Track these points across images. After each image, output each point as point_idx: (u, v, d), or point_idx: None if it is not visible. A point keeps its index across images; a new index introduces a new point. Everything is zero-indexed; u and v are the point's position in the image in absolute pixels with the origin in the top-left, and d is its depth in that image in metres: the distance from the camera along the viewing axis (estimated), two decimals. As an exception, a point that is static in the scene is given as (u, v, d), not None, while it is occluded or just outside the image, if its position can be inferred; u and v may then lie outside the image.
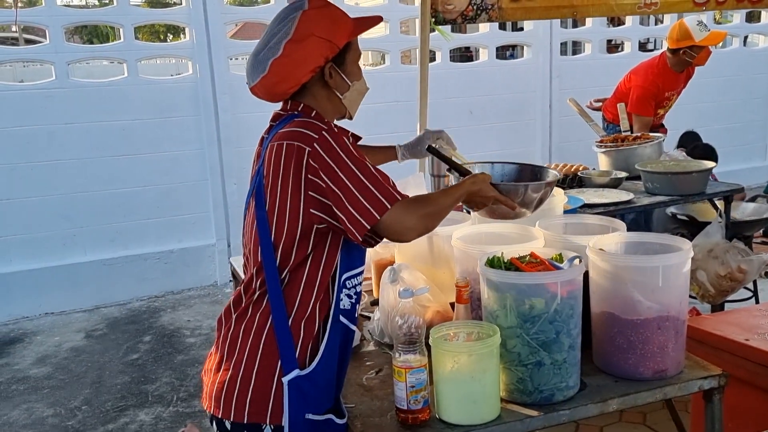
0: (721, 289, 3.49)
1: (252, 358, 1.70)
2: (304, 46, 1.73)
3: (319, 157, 1.64)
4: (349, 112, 1.89)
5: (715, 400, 1.90)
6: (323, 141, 1.65)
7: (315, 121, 1.73)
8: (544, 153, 7.21)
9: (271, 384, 1.68)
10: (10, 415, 3.94)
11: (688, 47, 4.75)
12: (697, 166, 3.96)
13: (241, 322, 1.75)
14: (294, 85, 1.76)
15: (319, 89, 1.80)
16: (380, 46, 6.78)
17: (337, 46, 1.76)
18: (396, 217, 1.64)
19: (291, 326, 1.69)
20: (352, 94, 1.85)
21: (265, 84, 1.77)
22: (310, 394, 1.69)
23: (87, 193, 5.53)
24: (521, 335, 1.73)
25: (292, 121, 1.75)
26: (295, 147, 1.66)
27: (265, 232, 1.71)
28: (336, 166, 1.63)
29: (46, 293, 5.44)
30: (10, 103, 5.27)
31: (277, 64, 1.73)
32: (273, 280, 1.70)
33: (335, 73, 1.80)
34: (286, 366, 1.68)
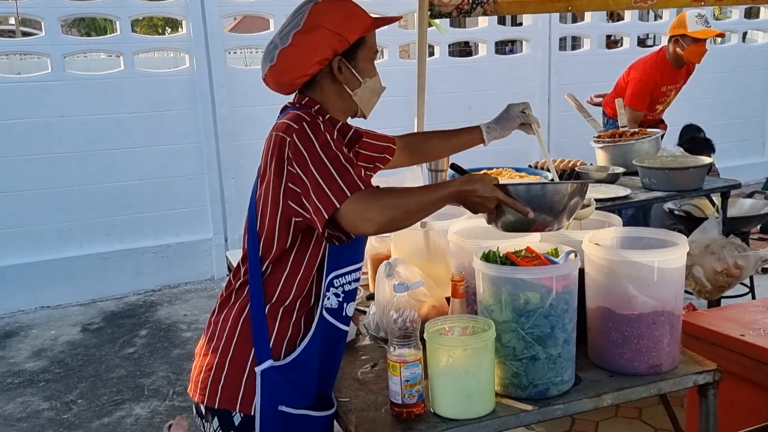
0: (718, 285, 3.49)
1: (228, 345, 1.73)
2: (311, 37, 1.72)
3: (295, 147, 1.63)
4: (362, 111, 1.86)
5: (710, 395, 1.89)
6: (301, 132, 1.65)
7: (303, 113, 1.71)
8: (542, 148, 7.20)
9: (243, 372, 1.70)
10: (6, 409, 3.94)
11: (680, 36, 4.76)
12: (695, 161, 3.96)
13: (224, 308, 1.79)
14: (300, 75, 1.75)
15: (329, 84, 1.79)
16: (378, 40, 6.67)
17: (347, 41, 1.75)
18: (355, 207, 1.56)
19: (267, 315, 1.71)
20: (363, 91, 1.82)
21: (273, 73, 1.77)
22: (284, 388, 1.70)
23: (83, 186, 5.52)
24: (516, 330, 1.72)
25: (286, 113, 1.75)
26: (279, 137, 1.67)
27: (252, 221, 1.74)
28: (308, 156, 1.62)
29: (42, 287, 5.43)
30: (6, 95, 5.25)
31: (284, 53, 1.73)
32: (255, 268, 1.72)
33: (345, 67, 1.78)
34: (259, 355, 1.69)
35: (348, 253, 1.76)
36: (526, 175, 3.89)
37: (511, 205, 1.68)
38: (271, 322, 1.71)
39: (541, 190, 1.70)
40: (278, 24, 5.99)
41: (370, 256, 2.60)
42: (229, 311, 1.76)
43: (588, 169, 4.10)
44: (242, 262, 1.77)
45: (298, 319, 1.73)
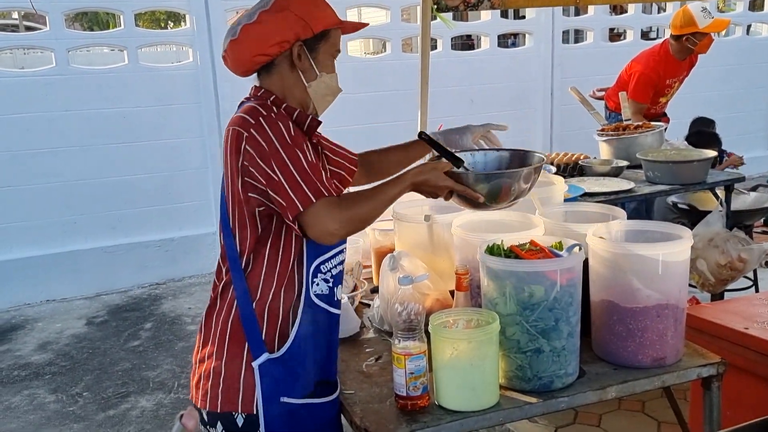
0: (721, 278, 3.50)
1: (221, 348, 1.73)
2: (277, 17, 1.72)
3: (253, 142, 1.64)
4: (315, 107, 1.83)
5: (714, 387, 1.90)
6: (258, 127, 1.65)
7: (258, 106, 1.71)
8: (545, 142, 7.20)
9: (240, 371, 1.70)
10: (12, 401, 3.96)
11: (691, 34, 4.74)
12: (698, 155, 3.96)
13: (212, 312, 1.79)
14: (259, 53, 1.74)
15: (286, 70, 1.78)
16: (381, 33, 6.75)
17: (312, 30, 1.75)
18: (318, 218, 1.61)
19: (255, 310, 1.70)
20: (319, 85, 1.81)
21: (233, 49, 1.76)
22: (283, 378, 1.70)
23: (87, 180, 5.53)
24: (520, 322, 1.73)
25: (243, 106, 1.76)
26: (236, 132, 1.67)
27: (224, 218, 1.75)
28: (269, 152, 1.63)
29: (47, 280, 5.45)
30: (10, 90, 5.26)
31: (247, 29, 1.73)
32: (235, 265, 1.72)
33: (304, 56, 1.77)
34: (254, 350, 1.69)
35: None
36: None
37: (462, 192, 1.79)
38: (260, 318, 1.71)
39: (485, 179, 1.80)
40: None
41: (373, 249, 2.61)
42: (218, 315, 1.76)
43: (591, 163, 4.11)
44: (222, 261, 1.78)
45: (285, 311, 1.73)
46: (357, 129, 6.35)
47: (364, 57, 8.78)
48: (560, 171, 3.95)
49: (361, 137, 6.42)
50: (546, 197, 2.34)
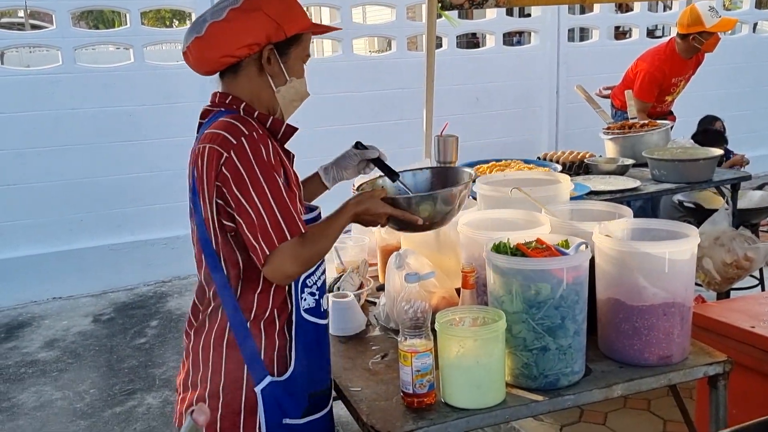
0: (727, 277, 3.49)
1: (217, 373, 1.66)
2: (248, 17, 1.62)
3: (232, 166, 1.55)
4: (282, 112, 1.75)
5: (720, 386, 1.90)
6: (240, 149, 1.56)
7: (238, 123, 1.61)
8: (550, 140, 7.19)
9: (240, 395, 1.64)
10: (20, 398, 3.98)
11: (698, 33, 4.72)
12: (704, 153, 3.95)
13: (200, 335, 1.70)
14: (226, 54, 1.65)
15: (254, 74, 1.69)
16: (386, 32, 6.76)
17: (284, 33, 1.66)
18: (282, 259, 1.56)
19: (251, 332, 1.64)
20: (288, 91, 1.73)
21: (198, 46, 1.66)
22: (285, 400, 1.66)
23: (93, 178, 5.55)
24: (527, 320, 1.73)
25: (218, 121, 1.65)
26: (215, 151, 1.57)
27: (205, 240, 1.64)
28: (247, 181, 1.55)
29: (54, 278, 5.47)
30: (17, 88, 5.28)
31: (215, 27, 1.63)
32: (224, 289, 1.64)
33: (274, 60, 1.68)
34: (255, 374, 1.63)
35: None
36: (535, 167, 3.89)
37: (400, 217, 1.78)
38: (257, 337, 1.65)
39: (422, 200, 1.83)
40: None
41: (379, 247, 2.61)
42: (207, 337, 1.68)
43: (597, 161, 4.10)
44: (206, 285, 1.68)
45: (281, 327, 1.68)
46: (362, 127, 6.36)
47: (369, 55, 8.78)
48: (566, 169, 3.95)
49: (365, 135, 6.39)
50: (551, 195, 2.34)
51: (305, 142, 6.40)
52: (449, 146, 3.84)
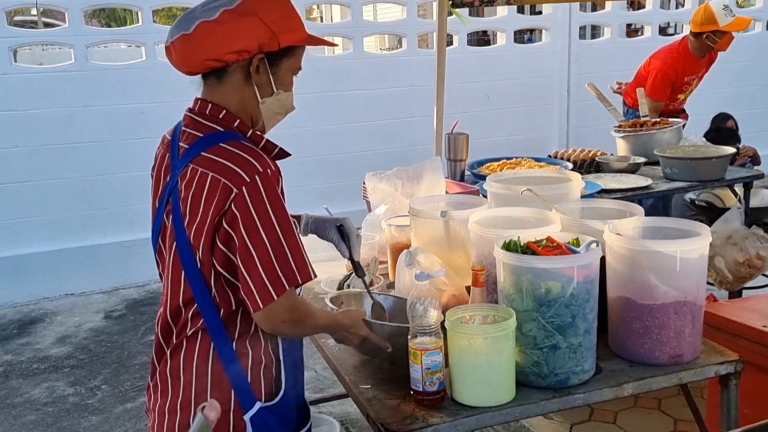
0: (739, 276, 3.47)
1: (202, 399, 1.56)
2: (242, 21, 1.52)
3: (243, 205, 1.47)
4: (264, 124, 1.66)
5: (731, 385, 1.90)
6: (253, 188, 1.47)
7: (249, 157, 1.51)
8: (561, 138, 7.17)
9: (228, 422, 1.56)
10: (32, 393, 4.01)
11: (712, 32, 4.69)
12: (716, 151, 3.92)
13: (177, 358, 1.61)
14: (213, 57, 1.54)
15: (239, 83, 1.59)
16: (397, 29, 6.75)
17: (278, 43, 1.56)
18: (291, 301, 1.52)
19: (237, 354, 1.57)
20: (273, 103, 1.63)
21: (184, 44, 1.55)
22: (274, 423, 1.61)
23: (106, 175, 5.58)
24: (537, 319, 1.73)
25: (221, 148, 1.54)
26: (221, 184, 1.48)
27: (189, 262, 1.54)
28: (259, 223, 1.47)
29: (66, 274, 5.51)
30: (30, 86, 5.31)
31: (205, 26, 1.52)
32: (209, 308, 1.55)
33: (264, 69, 1.58)
34: (244, 401, 1.56)
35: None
36: (546, 165, 3.88)
37: (375, 341, 1.78)
38: (244, 357, 1.58)
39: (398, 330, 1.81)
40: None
41: (389, 245, 2.61)
42: (188, 361, 1.58)
43: (608, 159, 4.09)
44: (184, 306, 1.58)
45: (265, 345, 1.62)
46: (372, 125, 6.36)
47: (380, 53, 8.77)
48: (577, 167, 3.94)
49: (376, 133, 6.46)
50: (562, 194, 2.34)
51: (315, 140, 6.43)
52: (459, 144, 3.85)
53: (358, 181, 3.19)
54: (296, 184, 6.02)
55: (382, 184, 2.91)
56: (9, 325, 5.02)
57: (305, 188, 6.00)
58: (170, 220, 1.60)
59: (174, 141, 1.67)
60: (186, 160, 1.57)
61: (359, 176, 3.12)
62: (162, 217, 1.64)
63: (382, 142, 6.34)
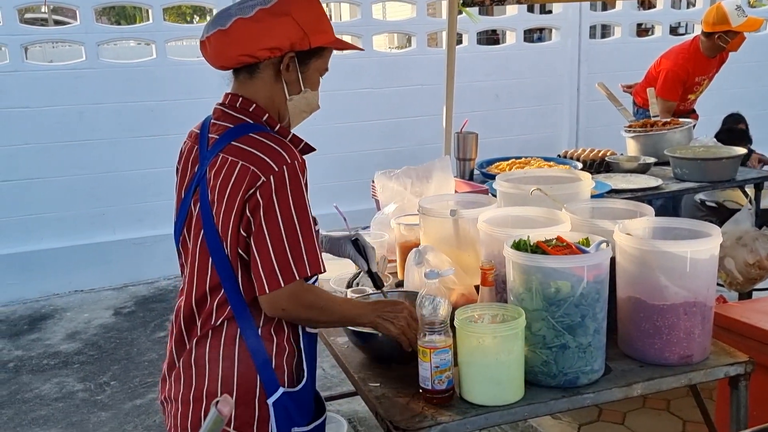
0: (749, 277, 3.46)
1: (228, 386, 1.62)
2: (276, 20, 1.60)
3: (268, 193, 1.54)
4: (289, 121, 1.74)
5: (741, 386, 1.89)
6: (280, 178, 1.54)
7: (278, 147, 1.58)
8: (571, 138, 7.15)
9: (254, 407, 1.63)
10: (42, 389, 4.04)
11: (724, 32, 4.66)
12: (727, 152, 3.91)
13: (203, 346, 1.66)
14: (246, 53, 1.62)
15: (269, 79, 1.67)
16: (406, 28, 6.75)
17: (309, 43, 1.64)
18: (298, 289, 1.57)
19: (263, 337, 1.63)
20: (300, 101, 1.71)
21: (219, 39, 1.63)
22: (294, 410, 1.67)
23: (116, 172, 5.61)
24: (546, 318, 1.73)
25: (251, 138, 1.61)
26: (250, 172, 1.55)
27: (217, 248, 1.60)
28: (279, 213, 1.54)
29: (76, 271, 5.54)
30: (41, 83, 5.34)
31: (241, 24, 1.60)
32: (236, 296, 1.61)
33: (293, 68, 1.66)
34: (268, 387, 1.63)
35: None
36: (555, 165, 3.87)
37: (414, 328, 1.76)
38: (268, 346, 1.64)
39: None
40: (308, 12, 6.01)
41: (398, 243, 2.62)
42: (213, 349, 1.64)
43: (618, 159, 4.07)
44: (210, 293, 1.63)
45: (288, 334, 1.68)
46: (382, 123, 6.37)
47: (390, 51, 8.77)
48: (587, 167, 3.93)
49: (385, 132, 6.46)
50: (572, 193, 2.33)
51: (325, 139, 6.42)
52: (469, 143, 3.85)
53: (368, 180, 3.19)
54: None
55: (391, 183, 2.91)
56: (19, 321, 5.05)
57: (314, 186, 5.95)
58: (197, 209, 1.65)
59: (203, 133, 1.73)
60: (216, 149, 1.64)
61: (368, 175, 3.13)
62: (188, 206, 1.69)
63: (391, 141, 6.34)
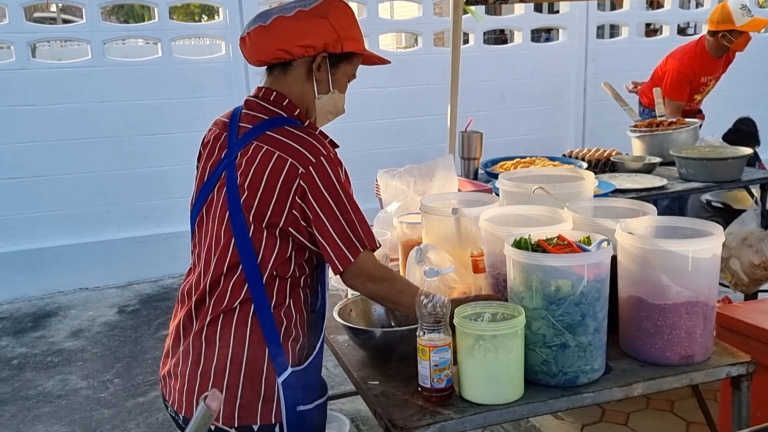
0: (755, 278, 3.44)
1: (237, 364, 1.68)
2: (314, 21, 1.71)
3: (311, 180, 1.64)
4: (315, 120, 1.83)
5: (743, 387, 1.88)
6: (320, 167, 1.65)
7: (313, 141, 1.68)
8: (577, 138, 7.13)
9: (260, 385, 1.68)
10: (46, 386, 4.05)
11: (728, 31, 4.65)
12: (733, 152, 3.88)
13: (215, 326, 1.71)
14: (282, 48, 1.72)
15: (302, 76, 1.76)
16: (413, 27, 6.74)
17: (342, 46, 1.75)
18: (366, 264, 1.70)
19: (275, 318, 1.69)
20: (327, 101, 1.80)
21: (259, 34, 1.74)
22: (300, 389, 1.72)
23: (121, 170, 5.62)
24: (546, 317, 1.72)
25: (285, 130, 1.71)
26: (288, 163, 1.64)
27: (241, 228, 1.67)
28: (328, 195, 1.65)
29: (81, 269, 5.55)
30: (48, 81, 5.36)
31: (281, 21, 1.71)
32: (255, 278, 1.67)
33: (324, 68, 1.76)
34: (278, 366, 1.68)
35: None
36: (560, 164, 3.86)
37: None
38: (279, 327, 1.70)
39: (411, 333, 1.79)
40: (313, 11, 6.01)
41: (401, 241, 2.61)
42: (224, 329, 1.69)
43: (624, 159, 4.06)
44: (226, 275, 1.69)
45: (297, 318, 1.74)
46: (387, 123, 6.36)
47: (396, 51, 8.76)
48: (592, 167, 3.91)
49: (391, 131, 6.46)
50: (575, 192, 2.32)
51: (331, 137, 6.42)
52: (473, 142, 3.83)
53: (372, 179, 3.19)
54: (310, 181, 6.05)
55: (394, 182, 2.90)
56: (24, 318, 5.07)
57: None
58: (223, 192, 1.71)
59: (233, 120, 1.80)
60: (250, 137, 1.71)
61: (373, 174, 3.12)
62: (211, 188, 1.76)
63: (397, 140, 6.34)
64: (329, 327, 2.18)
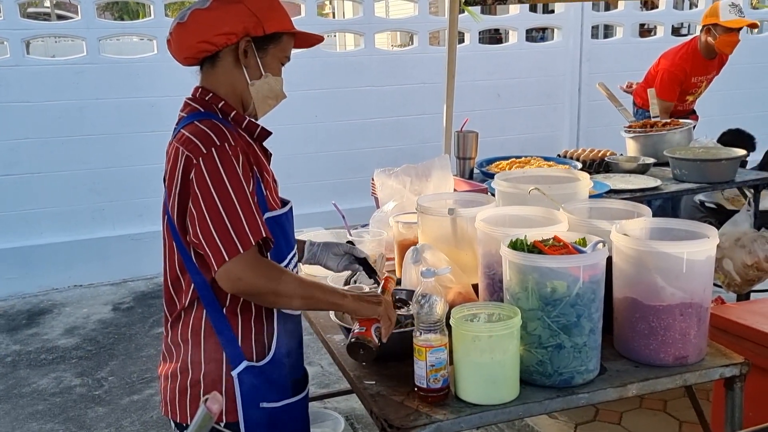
0: (748, 279, 3.46)
1: (197, 361, 1.70)
2: (229, 8, 1.68)
3: (199, 174, 1.59)
4: (255, 108, 1.78)
5: (736, 388, 1.89)
6: (209, 159, 1.59)
7: (210, 131, 1.63)
8: (571, 137, 7.15)
9: (221, 381, 1.69)
10: (39, 384, 4.04)
11: (712, 25, 4.69)
12: (727, 153, 3.90)
13: (177, 327, 1.75)
14: (203, 40, 1.69)
15: (231, 65, 1.73)
16: (408, 26, 6.75)
17: (263, 29, 1.70)
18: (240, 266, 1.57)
19: (227, 318, 1.68)
20: (262, 86, 1.75)
21: (179, 32, 1.72)
22: (262, 386, 1.71)
23: (116, 168, 5.61)
24: (542, 318, 1.73)
25: (193, 124, 1.68)
26: (185, 156, 1.62)
27: (174, 232, 1.69)
28: (213, 189, 1.58)
29: (75, 266, 5.55)
30: (43, 78, 5.34)
31: (196, 14, 1.69)
32: (199, 277, 1.67)
33: (251, 52, 1.72)
34: (232, 359, 1.68)
35: (284, 244, 1.78)
36: (555, 164, 3.87)
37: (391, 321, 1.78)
38: (234, 323, 1.69)
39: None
40: (309, 10, 6.01)
41: (397, 241, 2.62)
42: (185, 328, 1.72)
43: (618, 159, 4.07)
44: (182, 277, 1.71)
45: (257, 314, 1.72)
46: (383, 121, 6.37)
47: (391, 49, 8.76)
48: (586, 167, 3.92)
49: (386, 130, 6.46)
50: (570, 193, 2.33)
51: (325, 136, 6.44)
52: (469, 142, 3.84)
53: (368, 178, 3.20)
54: (305, 179, 6.05)
55: (390, 181, 2.91)
56: (18, 316, 5.06)
57: (314, 184, 6.02)
58: (162, 196, 1.74)
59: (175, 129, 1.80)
60: (173, 136, 1.73)
61: (368, 173, 3.13)
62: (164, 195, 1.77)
63: (392, 139, 6.34)
64: (325, 327, 2.20)
